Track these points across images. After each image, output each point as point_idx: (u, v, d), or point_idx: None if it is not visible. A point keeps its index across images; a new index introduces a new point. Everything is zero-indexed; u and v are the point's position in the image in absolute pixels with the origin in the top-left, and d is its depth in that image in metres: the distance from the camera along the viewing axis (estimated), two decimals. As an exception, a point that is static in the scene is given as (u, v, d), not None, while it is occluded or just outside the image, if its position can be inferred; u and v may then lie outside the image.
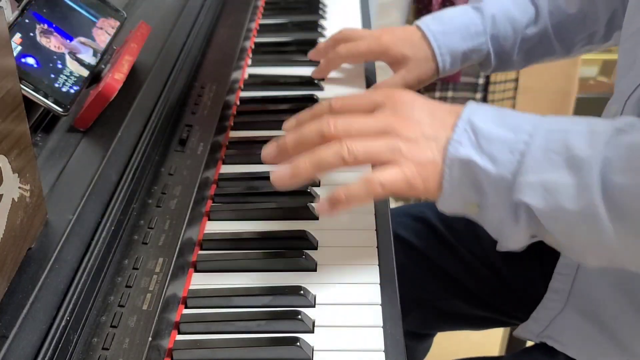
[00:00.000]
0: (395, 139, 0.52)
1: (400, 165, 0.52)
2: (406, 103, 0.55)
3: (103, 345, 0.47)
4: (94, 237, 0.51)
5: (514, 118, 0.53)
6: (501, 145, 0.51)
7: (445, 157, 0.52)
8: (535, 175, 0.50)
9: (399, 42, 0.81)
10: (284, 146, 0.54)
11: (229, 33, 0.90)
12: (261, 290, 0.55)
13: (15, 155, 0.44)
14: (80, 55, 0.62)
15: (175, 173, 0.63)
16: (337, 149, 0.51)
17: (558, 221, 0.51)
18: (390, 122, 0.53)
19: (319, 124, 0.53)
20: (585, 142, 0.50)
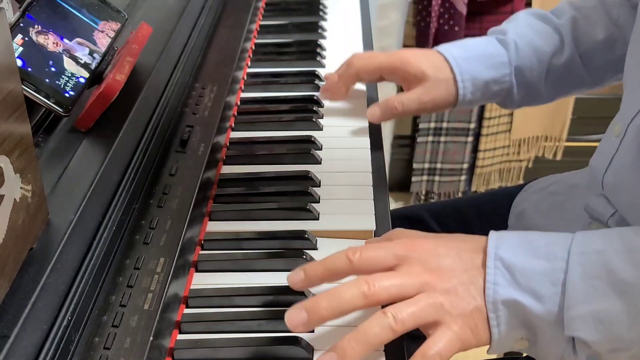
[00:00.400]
0: (435, 295, 0.49)
1: (447, 324, 0.49)
2: (431, 253, 0.52)
3: (104, 345, 0.47)
4: (96, 237, 0.51)
5: (545, 244, 0.50)
6: (540, 278, 0.49)
7: (487, 302, 0.49)
8: (583, 306, 0.48)
9: (420, 58, 0.76)
10: (317, 311, 0.49)
11: (230, 34, 0.90)
12: (262, 290, 0.56)
13: (17, 156, 0.44)
14: (81, 56, 0.62)
15: (176, 173, 0.63)
16: (383, 321, 0.48)
17: (619, 351, 0.49)
18: (425, 278, 0.50)
19: (356, 286, 0.49)
20: (626, 262, 0.47)
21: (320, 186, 0.68)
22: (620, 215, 0.67)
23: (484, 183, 1.89)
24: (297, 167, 0.70)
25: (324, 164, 0.72)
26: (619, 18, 0.78)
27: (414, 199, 1.91)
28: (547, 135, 1.83)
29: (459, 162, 1.84)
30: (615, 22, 0.78)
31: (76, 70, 0.60)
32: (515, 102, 0.82)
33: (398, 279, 0.50)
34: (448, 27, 1.65)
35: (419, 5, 1.67)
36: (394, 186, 1.93)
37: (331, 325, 0.53)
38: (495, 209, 0.87)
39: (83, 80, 0.61)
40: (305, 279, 0.51)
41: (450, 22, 1.64)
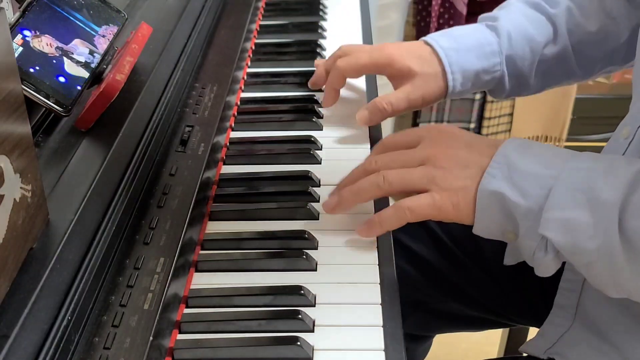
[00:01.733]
0: (430, 168, 0.55)
1: (431, 192, 0.55)
2: (446, 133, 0.58)
3: (104, 345, 0.47)
4: (96, 237, 0.51)
5: (551, 154, 0.56)
6: (533, 179, 0.54)
7: (477, 187, 0.55)
8: (559, 211, 0.53)
9: (405, 55, 0.74)
10: (343, 198, 0.60)
11: (230, 34, 0.90)
12: (262, 290, 0.56)
13: (17, 156, 0.44)
14: (81, 56, 0.62)
15: (176, 173, 0.63)
16: (373, 178, 0.56)
17: (577, 257, 0.54)
18: (428, 152, 0.56)
19: (364, 164, 0.59)
20: (607, 183, 0.52)
21: (320, 186, 0.68)
22: None
23: (484, 183, 1.89)
24: (297, 167, 0.70)
25: (324, 164, 0.72)
26: (612, 11, 0.78)
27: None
28: (547, 135, 1.83)
29: (459, 162, 1.84)
30: (609, 15, 0.78)
31: (76, 70, 0.60)
32: (506, 91, 0.80)
33: (404, 154, 0.58)
34: (448, 27, 1.64)
35: (419, 5, 1.67)
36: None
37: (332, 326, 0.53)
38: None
39: (83, 80, 0.61)
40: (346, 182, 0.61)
41: (450, 22, 1.64)
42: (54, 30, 0.60)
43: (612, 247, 0.51)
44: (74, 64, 0.61)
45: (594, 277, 0.55)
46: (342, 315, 0.54)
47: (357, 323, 0.53)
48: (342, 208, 0.59)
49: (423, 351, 1.03)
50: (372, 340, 0.52)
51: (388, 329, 0.53)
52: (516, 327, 1.05)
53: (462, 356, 1.51)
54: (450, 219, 0.56)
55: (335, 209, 0.60)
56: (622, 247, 0.51)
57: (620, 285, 0.54)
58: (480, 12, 0.90)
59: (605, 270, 0.53)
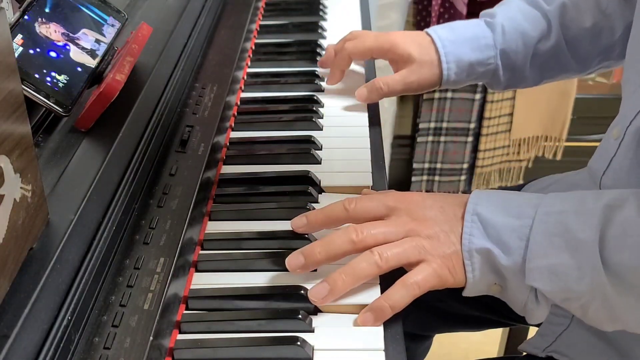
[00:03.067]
0: (418, 239, 0.56)
1: (428, 262, 0.55)
2: (418, 204, 0.58)
3: (104, 345, 0.47)
4: (96, 237, 0.51)
5: (518, 204, 0.56)
6: (510, 233, 0.55)
7: (463, 250, 0.56)
8: (541, 260, 0.53)
9: (408, 41, 0.80)
10: (313, 256, 0.56)
11: (230, 34, 0.90)
12: (262, 290, 0.56)
13: (17, 156, 0.44)
14: (81, 56, 0.62)
15: (176, 173, 0.63)
16: (370, 258, 0.54)
17: (570, 301, 0.55)
18: (410, 226, 0.56)
19: (346, 234, 0.56)
20: (580, 223, 0.53)
21: (320, 186, 0.68)
22: None
23: (484, 183, 1.89)
24: (297, 167, 0.70)
25: (324, 164, 0.72)
26: (607, 7, 0.79)
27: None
28: (547, 135, 1.83)
29: (459, 162, 1.84)
30: (604, 12, 0.80)
31: (76, 70, 0.60)
32: (502, 83, 0.84)
33: (385, 227, 0.56)
34: (448, 27, 1.65)
35: (419, 5, 1.67)
36: (394, 186, 1.93)
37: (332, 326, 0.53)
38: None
39: (83, 80, 0.61)
40: (307, 224, 0.59)
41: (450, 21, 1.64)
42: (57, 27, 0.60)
43: (601, 284, 0.52)
44: (75, 63, 0.61)
45: (590, 317, 0.56)
46: (342, 315, 0.54)
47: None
48: (336, 295, 0.54)
49: (423, 351, 1.03)
50: (372, 340, 0.52)
51: (388, 329, 0.53)
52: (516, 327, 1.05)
53: (462, 356, 1.51)
54: (449, 284, 0.56)
55: (327, 299, 0.54)
56: (610, 283, 0.52)
57: (617, 319, 0.55)
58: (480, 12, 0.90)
59: (600, 307, 0.54)
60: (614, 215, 0.52)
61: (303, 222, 0.59)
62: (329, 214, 0.58)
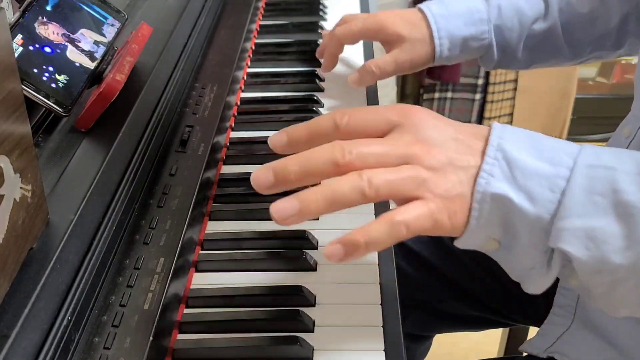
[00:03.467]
0: (419, 169, 0.45)
1: (425, 200, 0.44)
2: (426, 123, 0.47)
3: (104, 345, 0.47)
4: (96, 237, 0.51)
5: (551, 147, 0.46)
6: (540, 180, 0.44)
7: (475, 191, 0.45)
8: (578, 220, 0.44)
9: (397, 20, 0.78)
10: (285, 174, 0.45)
11: (230, 34, 0.90)
12: (262, 290, 0.56)
13: (17, 156, 0.44)
14: (81, 56, 0.62)
15: (176, 173, 0.63)
16: (356, 182, 0.43)
17: (601, 274, 0.45)
18: (412, 148, 0.45)
19: (329, 151, 0.44)
20: (635, 184, 0.43)
21: (320, 186, 0.68)
22: None
23: (484, 183, 1.89)
24: (297, 167, 0.70)
25: (324, 164, 0.71)
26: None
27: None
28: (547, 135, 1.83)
29: (459, 162, 1.84)
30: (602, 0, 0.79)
31: (76, 70, 0.60)
32: (494, 61, 0.82)
33: (380, 147, 0.45)
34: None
35: (419, 5, 1.67)
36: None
37: (332, 326, 0.53)
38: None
39: (83, 80, 0.61)
40: (287, 142, 0.48)
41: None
42: (57, 27, 0.60)
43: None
44: (75, 63, 0.61)
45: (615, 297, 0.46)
46: (342, 315, 0.54)
47: (357, 323, 0.53)
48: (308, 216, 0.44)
49: (423, 351, 1.03)
50: (372, 340, 0.52)
51: (388, 329, 0.53)
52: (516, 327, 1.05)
53: (462, 356, 1.51)
54: (443, 232, 0.46)
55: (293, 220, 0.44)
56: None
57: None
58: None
59: (633, 287, 0.45)
60: None
61: (283, 139, 0.48)
62: (314, 129, 0.47)
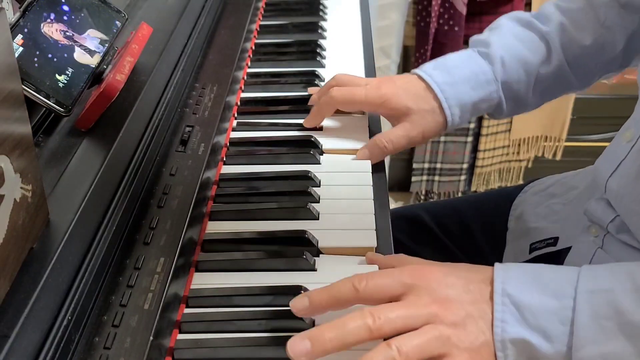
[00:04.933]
0: (442, 327, 0.48)
1: (454, 358, 0.48)
2: (439, 282, 0.50)
3: (105, 345, 0.47)
4: (96, 237, 0.51)
5: (552, 278, 0.49)
6: (549, 316, 0.48)
7: (495, 340, 0.48)
8: (593, 347, 0.47)
9: (401, 93, 0.74)
10: (322, 342, 0.47)
11: (230, 34, 0.90)
12: (262, 290, 0.56)
13: (17, 156, 0.44)
14: (81, 56, 0.62)
15: (176, 173, 0.63)
16: (387, 353, 0.46)
17: None
18: (431, 308, 0.49)
19: (361, 318, 0.47)
20: (635, 303, 0.46)
21: (320, 186, 0.68)
22: (621, 221, 0.66)
23: (484, 183, 1.89)
24: (297, 167, 0.70)
25: (324, 164, 0.72)
26: (606, 20, 0.76)
27: (414, 199, 1.91)
28: (546, 135, 1.83)
29: (459, 162, 1.84)
30: (603, 24, 0.76)
31: (76, 70, 0.60)
32: (505, 113, 0.80)
33: (404, 310, 0.48)
34: (448, 27, 1.65)
35: (419, 6, 1.67)
36: (394, 186, 1.93)
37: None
38: (495, 209, 0.87)
39: (83, 80, 0.61)
40: (309, 307, 0.50)
41: (450, 22, 1.64)
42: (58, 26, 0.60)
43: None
44: (76, 64, 0.61)
45: None
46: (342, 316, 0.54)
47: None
48: None
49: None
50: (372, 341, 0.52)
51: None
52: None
53: None
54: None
55: None
56: None
57: None
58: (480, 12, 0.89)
59: None
60: None
61: (304, 304, 0.50)
62: (336, 295, 0.50)
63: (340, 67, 0.88)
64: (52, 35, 0.60)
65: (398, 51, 1.71)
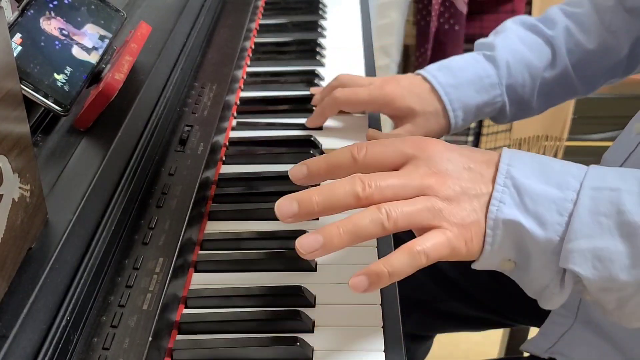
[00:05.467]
0: (435, 199, 0.48)
1: (443, 229, 0.47)
2: (440, 155, 0.49)
3: (103, 345, 0.47)
4: (94, 237, 0.51)
5: (558, 170, 0.49)
6: (548, 204, 0.47)
7: (488, 218, 0.48)
8: (585, 241, 0.46)
9: (405, 94, 0.74)
10: (309, 204, 0.48)
11: (229, 33, 0.90)
12: (261, 290, 0.55)
13: (16, 155, 0.44)
14: (80, 55, 0.62)
15: (175, 173, 0.63)
16: (375, 215, 0.46)
17: (610, 291, 0.48)
18: (427, 180, 0.48)
19: (350, 184, 0.47)
20: (637, 205, 0.46)
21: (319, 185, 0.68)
22: None
23: (484, 182, 1.89)
24: (297, 166, 0.70)
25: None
26: (611, 24, 0.76)
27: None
28: (547, 135, 1.83)
29: (459, 161, 1.84)
30: (608, 29, 0.77)
31: (75, 69, 0.60)
32: (508, 117, 0.80)
33: (397, 180, 0.48)
34: (448, 26, 1.65)
35: (419, 4, 1.66)
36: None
37: (332, 326, 0.53)
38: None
39: (82, 79, 0.61)
40: (307, 174, 0.51)
41: (450, 21, 1.64)
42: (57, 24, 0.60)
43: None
44: (74, 63, 0.60)
45: (626, 312, 0.49)
46: (342, 316, 0.54)
47: (357, 323, 0.53)
48: (332, 249, 0.47)
49: (423, 351, 1.03)
50: (372, 340, 0.52)
51: (388, 329, 0.52)
52: (517, 327, 1.05)
53: (462, 356, 1.51)
54: (461, 257, 0.49)
55: (317, 253, 0.47)
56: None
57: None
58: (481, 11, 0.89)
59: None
60: None
61: (303, 171, 0.51)
62: (334, 162, 0.50)
63: (340, 66, 0.88)
64: (51, 34, 0.60)
65: (398, 50, 1.71)
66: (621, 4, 0.76)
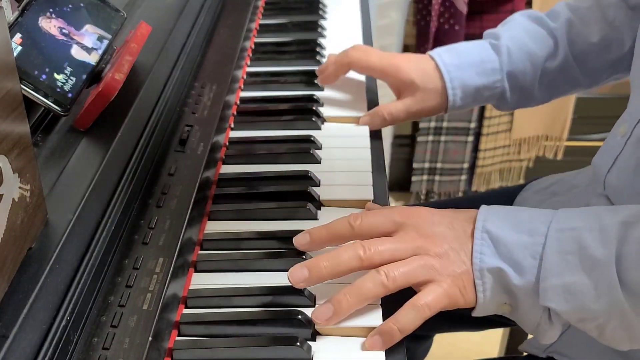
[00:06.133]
0: (427, 257, 0.53)
1: (438, 282, 0.53)
2: (426, 220, 0.56)
3: (103, 345, 0.47)
4: (94, 237, 0.51)
5: (529, 219, 0.54)
6: (522, 250, 0.53)
7: (474, 269, 0.54)
8: (556, 278, 0.52)
9: (412, 67, 0.78)
10: (318, 270, 0.53)
11: (229, 33, 0.90)
12: (261, 290, 0.55)
13: (16, 155, 0.44)
14: (80, 55, 0.62)
15: (175, 173, 0.63)
16: (376, 278, 0.52)
17: (586, 322, 0.53)
18: (419, 243, 0.54)
19: (353, 249, 0.53)
20: (597, 240, 0.51)
21: (320, 186, 0.68)
22: None
23: (485, 183, 1.89)
24: (297, 167, 0.70)
25: (324, 164, 0.71)
26: (615, 19, 0.78)
27: (414, 199, 1.91)
28: (547, 135, 1.83)
29: (460, 161, 1.84)
30: (611, 24, 0.78)
31: (75, 69, 0.60)
32: (509, 104, 0.83)
33: (392, 244, 0.54)
34: (448, 26, 1.65)
35: (419, 4, 1.66)
36: (394, 186, 1.93)
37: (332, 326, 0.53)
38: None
39: (82, 79, 0.61)
40: (310, 242, 0.56)
41: (450, 21, 1.64)
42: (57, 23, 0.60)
43: (619, 303, 0.51)
44: (74, 62, 0.60)
45: (607, 337, 0.54)
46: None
47: (357, 323, 0.53)
48: (340, 317, 0.52)
49: (423, 351, 1.03)
50: (372, 340, 0.51)
51: (388, 330, 0.52)
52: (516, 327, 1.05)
53: (461, 356, 1.51)
54: (460, 305, 0.55)
55: (332, 320, 0.52)
56: (628, 302, 0.51)
57: (636, 338, 0.53)
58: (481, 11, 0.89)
59: (618, 327, 0.52)
60: (630, 232, 0.51)
61: (306, 239, 0.56)
62: (334, 231, 0.56)
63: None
64: (51, 34, 0.60)
65: (398, 50, 1.71)
66: (625, 1, 0.78)
